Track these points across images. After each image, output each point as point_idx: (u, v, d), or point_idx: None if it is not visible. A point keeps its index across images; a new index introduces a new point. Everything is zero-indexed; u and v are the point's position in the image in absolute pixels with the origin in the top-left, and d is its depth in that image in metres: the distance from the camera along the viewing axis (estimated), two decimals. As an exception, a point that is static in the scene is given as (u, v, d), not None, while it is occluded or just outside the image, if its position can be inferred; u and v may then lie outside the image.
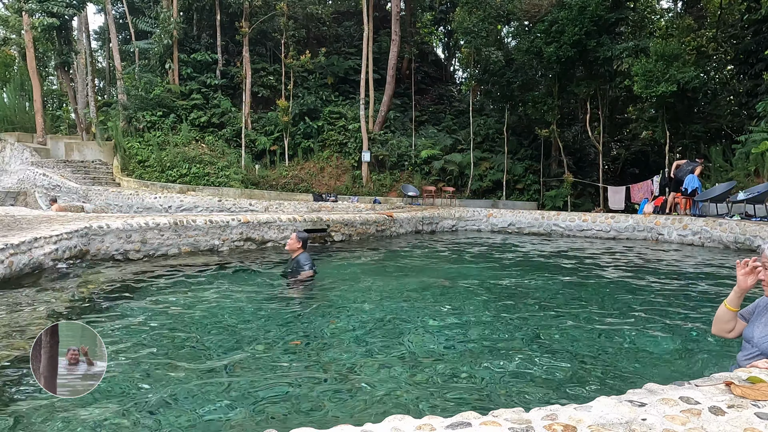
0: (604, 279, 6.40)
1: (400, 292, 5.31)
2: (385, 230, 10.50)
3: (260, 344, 3.49)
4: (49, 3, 19.97)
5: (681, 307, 4.87)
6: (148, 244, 6.92)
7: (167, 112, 21.50)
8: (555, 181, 18.63)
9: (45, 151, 20.99)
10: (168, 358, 3.15)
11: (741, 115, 17.19)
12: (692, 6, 20.91)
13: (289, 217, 8.75)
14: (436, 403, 2.57)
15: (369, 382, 2.85)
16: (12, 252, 4.80)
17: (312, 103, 22.01)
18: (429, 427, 1.35)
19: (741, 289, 2.47)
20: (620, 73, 18.09)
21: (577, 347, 3.49)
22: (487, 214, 12.71)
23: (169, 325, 3.89)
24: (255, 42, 23.65)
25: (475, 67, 19.75)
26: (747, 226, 8.87)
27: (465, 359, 3.22)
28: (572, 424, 1.35)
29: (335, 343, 3.55)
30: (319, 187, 20.11)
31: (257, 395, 2.65)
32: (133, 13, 25.30)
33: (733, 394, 1.56)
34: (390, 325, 4.03)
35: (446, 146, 20.60)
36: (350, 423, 1.41)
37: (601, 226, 11.16)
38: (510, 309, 4.63)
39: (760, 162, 12.29)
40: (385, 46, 23.50)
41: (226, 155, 20.71)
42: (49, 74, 31.53)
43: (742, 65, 17.45)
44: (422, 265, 7.40)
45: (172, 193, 16.34)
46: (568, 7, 16.12)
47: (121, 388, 2.69)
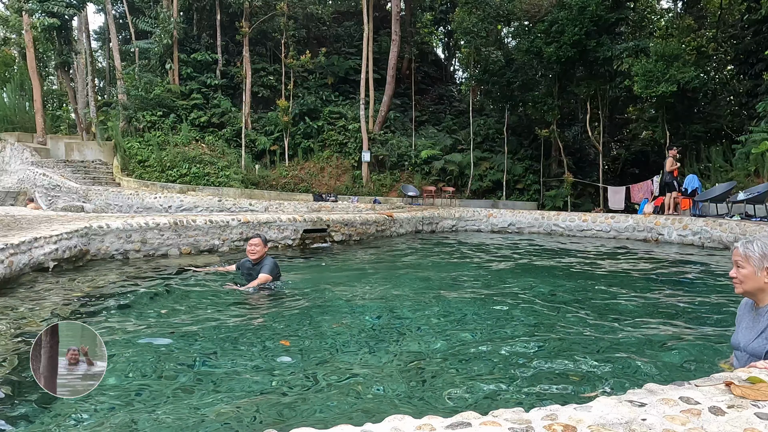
0: (604, 279, 6.40)
1: (399, 292, 5.31)
2: (385, 230, 10.50)
3: (255, 346, 3.49)
4: (49, 3, 19.97)
5: (681, 306, 4.87)
6: (148, 244, 6.92)
7: (167, 112, 21.50)
8: (555, 181, 18.63)
9: (45, 151, 21.00)
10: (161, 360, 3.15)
11: (741, 115, 17.20)
12: (692, 6, 20.91)
13: (289, 217, 8.75)
14: (436, 403, 2.57)
15: (369, 381, 2.85)
16: (12, 252, 4.80)
17: (312, 103, 22.01)
18: (429, 427, 1.35)
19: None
20: (620, 73, 18.10)
21: (578, 347, 3.49)
22: (487, 214, 12.70)
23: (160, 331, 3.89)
24: (255, 42, 23.65)
25: (475, 67, 19.75)
26: (747, 226, 8.87)
27: (465, 359, 3.22)
28: (572, 424, 1.35)
29: (335, 343, 3.55)
30: (319, 187, 20.11)
31: (257, 395, 2.65)
32: (133, 12, 25.30)
33: (733, 394, 1.56)
34: (390, 325, 4.03)
35: (446, 146, 20.60)
36: (350, 423, 1.41)
37: (601, 226, 11.16)
38: (510, 309, 4.63)
39: (760, 162, 12.30)
40: (385, 46, 23.50)
41: (226, 155, 20.71)
42: (49, 74, 31.54)
43: (742, 65, 17.46)
44: (422, 265, 7.40)
45: (172, 193, 16.34)
46: (568, 7, 16.13)
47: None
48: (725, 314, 4.41)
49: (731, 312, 4.56)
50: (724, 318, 4.30)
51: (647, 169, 18.51)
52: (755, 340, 2.36)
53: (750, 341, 2.39)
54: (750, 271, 2.37)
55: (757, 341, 2.35)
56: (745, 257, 2.39)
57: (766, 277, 2.35)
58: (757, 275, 2.36)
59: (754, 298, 2.42)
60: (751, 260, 2.37)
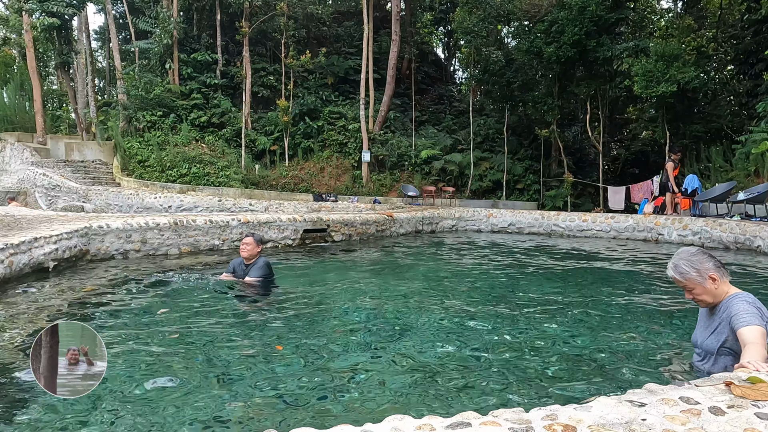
0: (603, 279, 6.40)
1: (399, 291, 5.31)
2: (385, 230, 10.50)
3: (254, 347, 3.49)
4: (49, 3, 19.98)
5: (681, 306, 4.87)
6: (148, 244, 6.92)
7: (167, 112, 21.50)
8: (555, 181, 18.63)
9: (45, 151, 21.00)
10: (163, 356, 3.15)
11: (741, 115, 17.19)
12: (692, 6, 20.91)
13: (289, 217, 8.75)
14: (436, 403, 2.57)
15: (369, 381, 2.85)
16: (12, 252, 4.80)
17: (312, 103, 22.01)
18: (429, 427, 1.35)
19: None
20: (620, 73, 18.10)
21: (578, 347, 3.49)
22: (487, 214, 12.70)
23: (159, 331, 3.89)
24: (255, 42, 23.66)
25: (475, 67, 19.75)
26: (747, 226, 8.87)
27: (465, 359, 3.22)
28: (572, 424, 1.35)
29: (334, 343, 3.55)
30: (319, 187, 20.11)
31: (257, 395, 2.65)
32: (133, 12, 25.30)
33: (733, 394, 1.56)
34: (389, 325, 4.03)
35: (446, 146, 20.59)
36: (350, 423, 1.41)
37: (601, 226, 11.16)
38: (510, 309, 4.63)
39: (760, 162, 12.29)
40: (385, 46, 23.50)
41: (226, 155, 20.71)
42: (49, 74, 31.55)
43: (742, 65, 17.45)
44: (422, 266, 7.40)
45: (172, 193, 16.34)
46: (568, 7, 16.13)
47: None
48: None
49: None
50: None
51: (647, 169, 18.51)
52: (708, 338, 2.54)
53: (705, 339, 2.56)
54: (699, 288, 2.52)
55: (710, 338, 2.52)
56: (686, 280, 2.54)
57: (712, 282, 2.50)
58: (707, 287, 2.50)
59: (712, 304, 2.56)
60: (692, 280, 2.52)
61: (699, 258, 2.53)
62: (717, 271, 2.50)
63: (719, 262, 2.55)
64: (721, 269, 2.52)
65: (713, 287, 2.49)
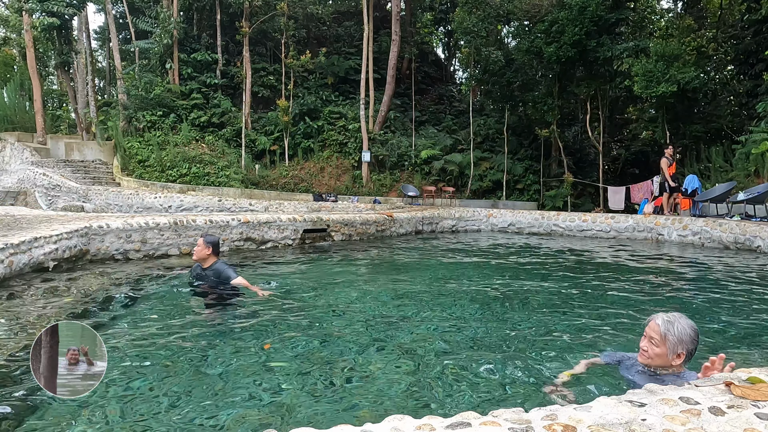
0: (603, 279, 6.39)
1: (399, 291, 5.30)
2: (385, 230, 10.49)
3: (253, 348, 3.48)
4: (49, 2, 19.98)
5: (681, 306, 4.87)
6: (148, 244, 6.92)
7: (167, 112, 21.51)
8: (555, 181, 18.63)
9: (45, 150, 21.01)
10: (165, 361, 3.15)
11: (741, 115, 17.18)
12: (692, 6, 20.91)
13: (289, 217, 8.75)
14: (436, 403, 2.57)
15: (368, 381, 2.85)
16: (12, 252, 4.80)
17: (312, 103, 22.02)
18: (429, 427, 1.35)
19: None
20: (620, 73, 18.10)
21: (578, 347, 3.49)
22: (487, 215, 12.70)
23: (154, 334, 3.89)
24: (255, 42, 23.66)
25: (475, 67, 19.76)
26: (747, 226, 8.87)
27: (465, 359, 3.22)
28: (572, 425, 1.35)
29: (334, 343, 3.55)
30: (319, 187, 20.11)
31: (256, 395, 2.65)
32: (133, 12, 25.31)
33: (733, 394, 1.56)
34: (389, 325, 4.03)
35: (446, 146, 20.60)
36: (350, 423, 1.41)
37: (601, 226, 11.16)
38: (510, 309, 4.63)
39: (760, 162, 12.30)
40: (385, 46, 23.51)
41: (226, 155, 20.72)
42: (49, 74, 31.54)
43: (742, 65, 17.45)
44: (422, 266, 7.39)
45: (172, 193, 16.34)
46: (568, 7, 16.13)
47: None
48: (725, 314, 4.42)
49: (729, 312, 4.56)
50: (724, 319, 4.30)
51: (647, 169, 18.51)
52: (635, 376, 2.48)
53: (635, 379, 2.47)
54: (662, 352, 2.35)
55: (636, 377, 2.47)
56: (662, 338, 2.36)
57: (676, 360, 2.34)
58: (669, 358, 2.35)
59: (654, 367, 2.44)
60: (668, 343, 2.34)
61: (691, 336, 2.36)
62: (688, 356, 2.37)
63: (695, 350, 2.41)
64: (691, 356, 2.38)
65: (672, 362, 2.36)
